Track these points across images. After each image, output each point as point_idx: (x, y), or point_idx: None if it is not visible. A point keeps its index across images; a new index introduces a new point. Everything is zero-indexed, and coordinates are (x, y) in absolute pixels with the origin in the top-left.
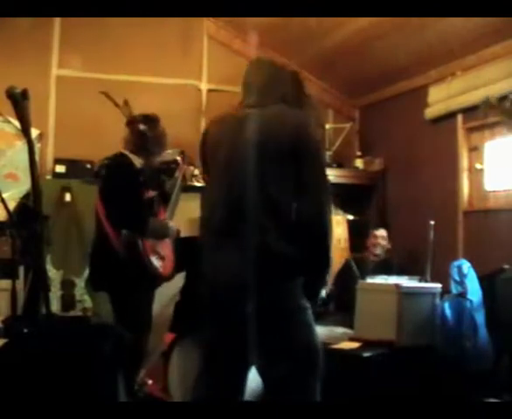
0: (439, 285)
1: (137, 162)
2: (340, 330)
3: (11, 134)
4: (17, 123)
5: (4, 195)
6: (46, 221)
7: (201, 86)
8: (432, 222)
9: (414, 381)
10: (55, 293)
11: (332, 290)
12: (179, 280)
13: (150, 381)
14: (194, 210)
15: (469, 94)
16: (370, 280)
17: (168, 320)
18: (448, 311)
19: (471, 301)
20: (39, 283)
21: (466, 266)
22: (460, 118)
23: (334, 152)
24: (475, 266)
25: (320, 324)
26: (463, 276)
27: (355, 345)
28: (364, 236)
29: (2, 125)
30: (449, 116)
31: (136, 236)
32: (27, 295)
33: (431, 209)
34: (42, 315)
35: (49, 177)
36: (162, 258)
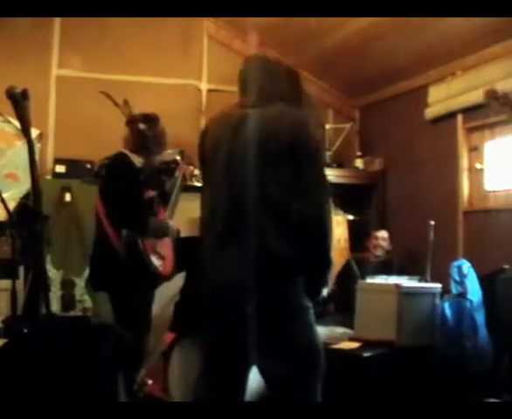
0: (439, 285)
1: (137, 162)
2: (340, 330)
3: (11, 134)
4: (17, 123)
5: (4, 195)
6: (46, 221)
7: (201, 86)
8: (432, 222)
9: (414, 381)
10: (55, 293)
11: (333, 290)
12: (179, 280)
13: (150, 381)
14: (194, 210)
15: (469, 94)
16: (370, 280)
17: (168, 320)
18: (448, 311)
19: (471, 301)
20: (39, 283)
21: (466, 266)
22: (460, 118)
23: (334, 152)
24: (475, 266)
25: (320, 324)
26: (463, 276)
27: (355, 345)
28: (364, 236)
29: (2, 125)
30: (449, 116)
31: (136, 235)
32: (27, 295)
33: (431, 209)
34: (42, 315)
35: (49, 177)
36: (162, 258)
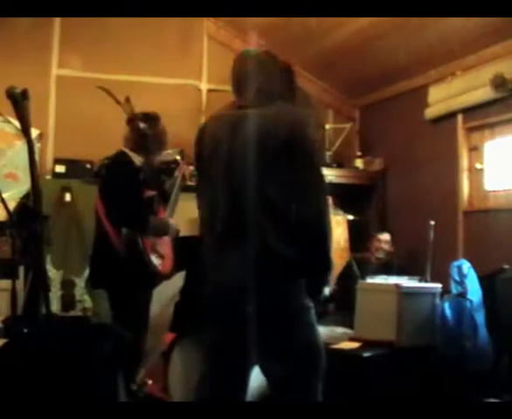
0: (439, 285)
1: (137, 160)
2: (340, 330)
3: (11, 134)
4: (17, 123)
5: (4, 195)
6: (46, 221)
7: (201, 86)
8: (432, 222)
9: (414, 381)
10: (55, 293)
11: (334, 290)
12: (179, 280)
13: (150, 381)
14: (194, 210)
15: (469, 94)
16: (370, 280)
17: (168, 320)
18: (448, 311)
19: (471, 301)
20: (39, 283)
21: (466, 266)
22: (460, 118)
23: (334, 152)
24: (475, 266)
25: (320, 324)
26: (463, 276)
27: (355, 345)
28: (364, 236)
29: (2, 125)
30: (449, 116)
31: (136, 234)
32: (27, 295)
33: (431, 209)
34: (42, 315)
35: (49, 177)
36: (161, 257)
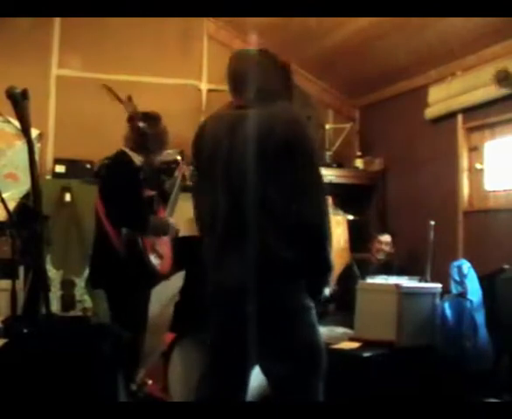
0: (439, 285)
1: (137, 160)
2: (340, 330)
3: (11, 134)
4: (17, 123)
5: (4, 195)
6: (46, 221)
7: (201, 86)
8: (432, 222)
9: (414, 381)
10: (55, 293)
11: (335, 291)
12: (179, 280)
13: (150, 381)
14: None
15: (469, 94)
16: (370, 280)
17: (168, 320)
18: (448, 311)
19: (471, 301)
20: (39, 283)
21: (466, 266)
22: (460, 118)
23: (334, 152)
24: (475, 266)
25: (320, 324)
26: (463, 276)
27: (355, 345)
28: (364, 236)
29: (2, 125)
30: (449, 116)
31: (136, 233)
32: (27, 295)
33: (431, 209)
34: (42, 315)
35: (49, 177)
36: (160, 257)
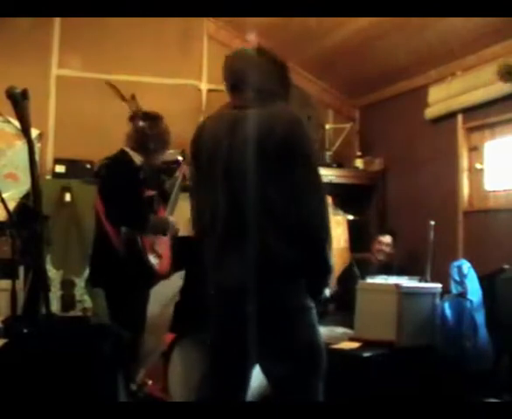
0: (439, 285)
1: (137, 160)
2: (340, 330)
3: (11, 134)
4: (17, 123)
5: (4, 195)
6: (46, 221)
7: (201, 86)
8: (432, 222)
9: (414, 381)
10: (55, 293)
11: (335, 291)
12: (178, 280)
13: (150, 381)
14: None
15: (469, 94)
16: (370, 280)
17: (168, 320)
18: (448, 311)
19: (471, 301)
20: (39, 283)
21: (466, 266)
22: (460, 118)
23: (334, 152)
24: (475, 266)
25: (320, 324)
26: (463, 276)
27: (355, 345)
28: (364, 236)
29: (2, 125)
30: (449, 116)
31: (136, 233)
32: (27, 295)
33: (431, 209)
34: (42, 315)
35: (49, 177)
36: (159, 257)
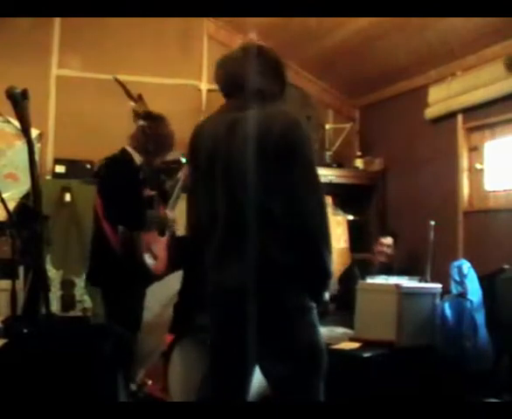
0: (439, 285)
1: (138, 159)
2: (340, 330)
3: (11, 134)
4: (17, 123)
5: (4, 195)
6: (46, 221)
7: (201, 86)
8: (433, 222)
9: (414, 381)
10: (55, 293)
11: (336, 293)
12: (178, 280)
13: (150, 381)
14: None
15: (469, 94)
16: (370, 280)
17: (168, 321)
18: (448, 311)
19: (471, 301)
20: (39, 283)
21: (466, 266)
22: (460, 118)
23: (334, 152)
24: (475, 266)
25: (320, 324)
26: (463, 276)
27: (355, 345)
28: (364, 236)
29: (2, 125)
30: (449, 116)
31: (133, 232)
32: (27, 295)
33: (431, 209)
34: (42, 315)
35: (49, 177)
36: (154, 257)
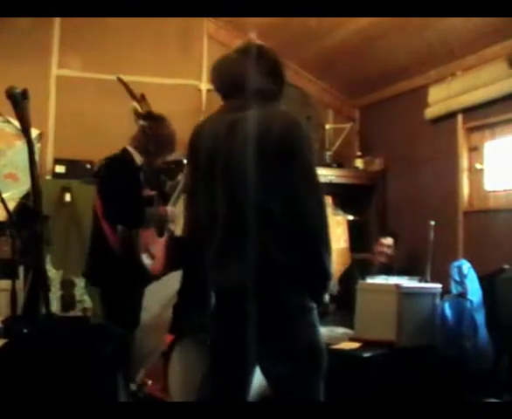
0: (439, 285)
1: (138, 159)
2: (340, 330)
3: (11, 134)
4: (17, 123)
5: (4, 195)
6: (46, 221)
7: (201, 86)
8: (433, 222)
9: (414, 381)
10: (55, 293)
11: (336, 293)
12: (177, 281)
13: (150, 381)
14: None
15: (469, 94)
16: (370, 280)
17: (167, 321)
18: (448, 311)
19: (471, 301)
20: (39, 283)
21: (466, 266)
22: (460, 118)
23: (334, 152)
24: (475, 266)
25: (320, 324)
26: (463, 276)
27: (355, 345)
28: (364, 236)
29: (2, 125)
30: (449, 116)
31: (132, 231)
32: (27, 295)
33: (431, 209)
34: (42, 315)
35: (49, 177)
36: (152, 257)
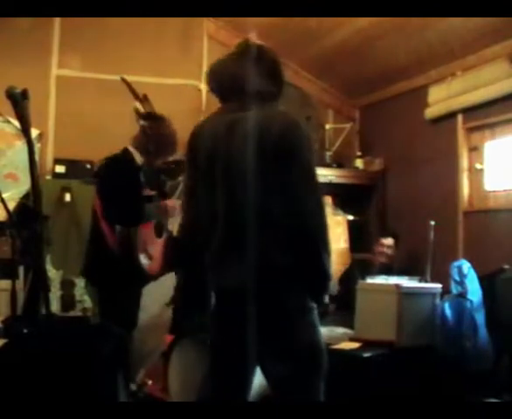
0: (439, 286)
1: (138, 159)
2: (340, 330)
3: (11, 134)
4: (17, 123)
5: (4, 195)
6: (46, 221)
7: (201, 86)
8: (433, 222)
9: (414, 381)
10: (55, 293)
11: (336, 293)
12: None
13: (150, 381)
14: None
15: (469, 94)
16: (370, 280)
17: (167, 321)
18: (448, 311)
19: (471, 301)
20: (39, 283)
21: (466, 266)
22: (460, 118)
23: (334, 152)
24: (475, 266)
25: (320, 324)
26: (463, 276)
27: (355, 345)
28: (364, 236)
29: (2, 125)
30: (449, 116)
31: (130, 231)
32: (27, 295)
33: (431, 209)
34: (42, 315)
35: (49, 177)
36: (150, 257)
